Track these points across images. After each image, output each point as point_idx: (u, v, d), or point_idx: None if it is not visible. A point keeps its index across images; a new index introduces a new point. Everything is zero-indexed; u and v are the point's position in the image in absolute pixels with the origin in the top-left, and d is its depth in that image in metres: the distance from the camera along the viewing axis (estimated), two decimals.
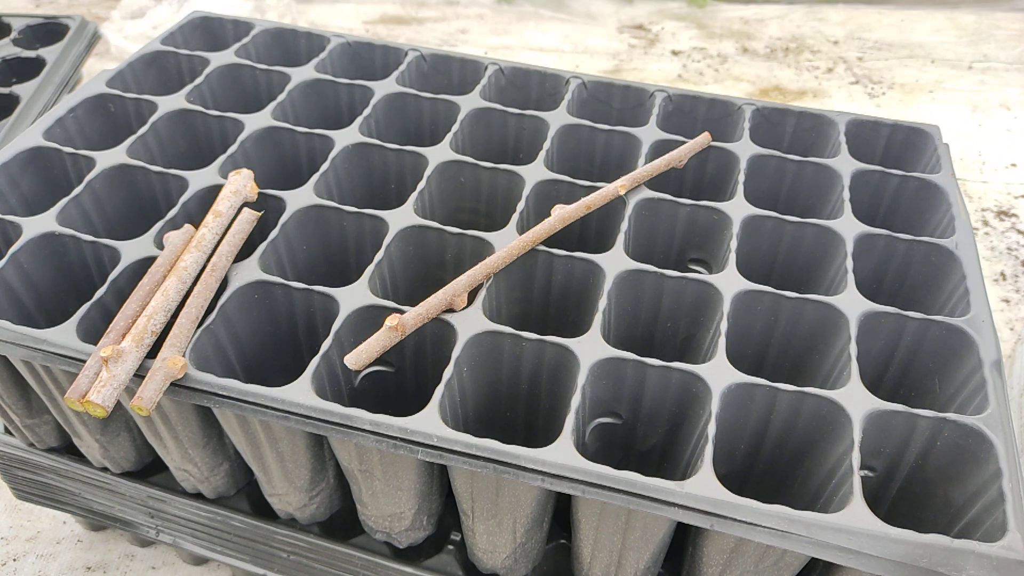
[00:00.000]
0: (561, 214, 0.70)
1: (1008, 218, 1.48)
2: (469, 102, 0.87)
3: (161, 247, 0.67)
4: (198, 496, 0.76)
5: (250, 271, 0.66)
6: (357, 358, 0.59)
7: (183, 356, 0.57)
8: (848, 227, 0.73)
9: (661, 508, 0.51)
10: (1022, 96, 1.83)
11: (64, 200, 0.72)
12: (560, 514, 0.69)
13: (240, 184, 0.71)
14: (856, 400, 0.58)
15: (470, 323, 0.62)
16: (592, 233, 0.78)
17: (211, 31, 1.02)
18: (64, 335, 0.59)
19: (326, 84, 0.90)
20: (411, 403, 0.62)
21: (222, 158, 0.77)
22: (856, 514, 0.50)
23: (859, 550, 0.49)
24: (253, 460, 0.66)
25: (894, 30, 2.12)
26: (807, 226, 0.74)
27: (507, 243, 0.68)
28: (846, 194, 0.77)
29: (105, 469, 0.77)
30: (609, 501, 0.52)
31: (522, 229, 0.72)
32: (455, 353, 0.60)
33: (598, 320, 0.63)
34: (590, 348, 0.60)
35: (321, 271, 0.75)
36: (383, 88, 0.89)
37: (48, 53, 1.32)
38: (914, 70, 1.93)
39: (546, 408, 0.67)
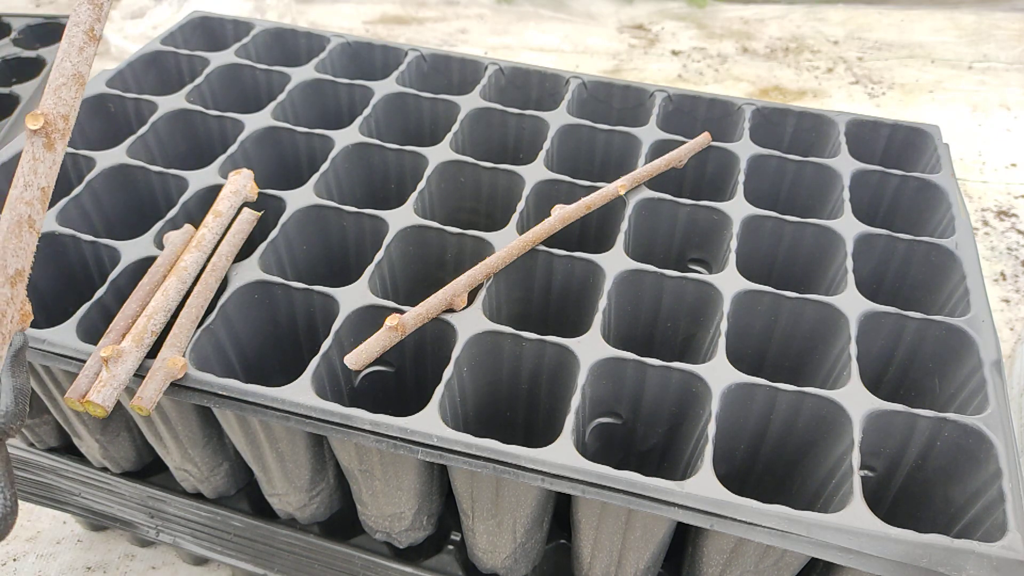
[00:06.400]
0: (561, 214, 0.70)
1: (1008, 218, 1.48)
2: (469, 102, 0.87)
3: (161, 247, 0.67)
4: (198, 496, 0.76)
5: (250, 271, 0.66)
6: (357, 358, 0.59)
7: (183, 356, 0.57)
8: (848, 227, 0.73)
9: (661, 508, 0.51)
10: (1022, 96, 1.83)
11: (64, 200, 0.72)
12: (560, 514, 0.69)
13: (240, 184, 0.71)
14: (856, 400, 0.58)
15: (470, 323, 0.62)
16: (592, 233, 0.78)
17: (211, 31, 1.02)
18: (64, 335, 0.59)
19: (326, 84, 0.90)
20: (411, 403, 0.62)
21: (222, 158, 0.77)
22: (856, 514, 0.50)
23: (859, 550, 0.49)
24: (253, 460, 0.66)
25: (894, 30, 2.12)
26: (807, 226, 0.74)
27: (507, 243, 0.68)
28: (846, 194, 0.77)
29: (105, 469, 0.77)
30: (609, 501, 0.52)
31: (522, 229, 0.72)
32: (455, 353, 0.60)
33: (598, 320, 0.63)
34: (590, 348, 0.60)
35: (321, 271, 0.76)
36: (383, 88, 0.89)
37: (48, 53, 1.32)
38: (914, 70, 1.93)
39: (546, 408, 0.67)
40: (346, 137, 0.81)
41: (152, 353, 0.58)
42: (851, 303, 0.66)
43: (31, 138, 0.37)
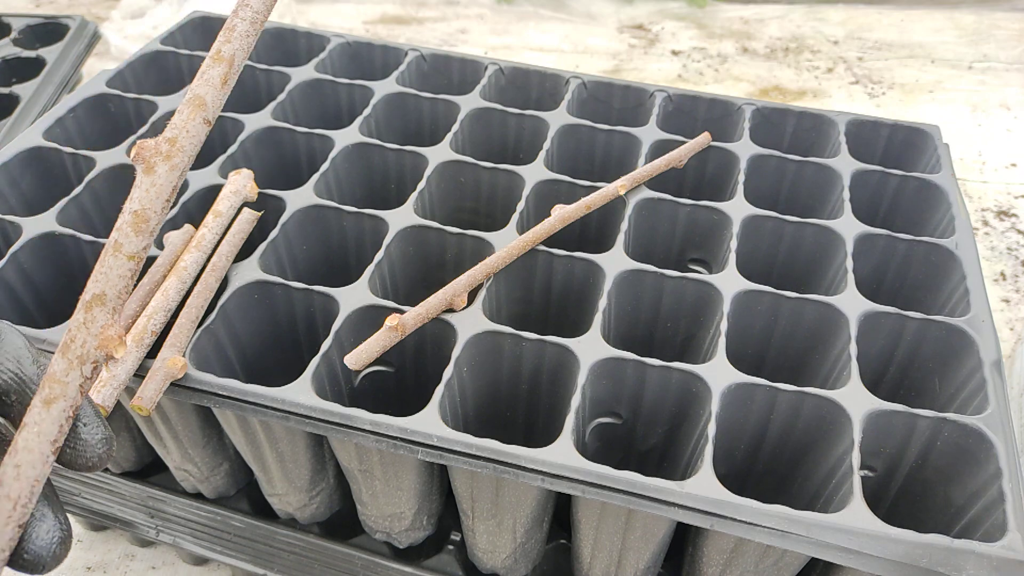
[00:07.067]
0: (561, 214, 0.70)
1: (1008, 218, 1.48)
2: (469, 102, 0.87)
3: (161, 247, 0.67)
4: (198, 496, 0.76)
5: (250, 271, 0.66)
6: (357, 358, 0.59)
7: (183, 356, 0.57)
8: (848, 227, 0.73)
9: (661, 508, 0.51)
10: (1022, 96, 1.83)
11: (64, 200, 0.72)
12: (560, 514, 0.69)
13: (240, 184, 0.71)
14: (856, 400, 0.58)
15: (470, 323, 0.62)
16: (592, 233, 0.78)
17: (211, 31, 1.02)
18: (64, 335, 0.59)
19: (326, 84, 0.90)
20: (411, 403, 0.62)
21: (222, 158, 0.77)
22: (856, 514, 0.50)
23: (859, 550, 0.49)
24: (253, 460, 0.66)
25: (894, 30, 2.12)
26: (807, 226, 0.74)
27: (507, 243, 0.68)
28: (846, 194, 0.77)
29: (105, 469, 0.77)
30: (609, 501, 0.52)
31: (522, 229, 0.72)
32: (455, 353, 0.60)
33: (598, 320, 0.63)
34: (590, 348, 0.60)
35: (321, 271, 0.75)
36: (383, 88, 0.89)
37: (48, 53, 1.32)
38: (914, 70, 1.93)
39: (546, 408, 0.67)
40: (346, 137, 0.81)
41: (152, 353, 0.58)
42: (851, 303, 0.65)
43: (136, 166, 0.37)
